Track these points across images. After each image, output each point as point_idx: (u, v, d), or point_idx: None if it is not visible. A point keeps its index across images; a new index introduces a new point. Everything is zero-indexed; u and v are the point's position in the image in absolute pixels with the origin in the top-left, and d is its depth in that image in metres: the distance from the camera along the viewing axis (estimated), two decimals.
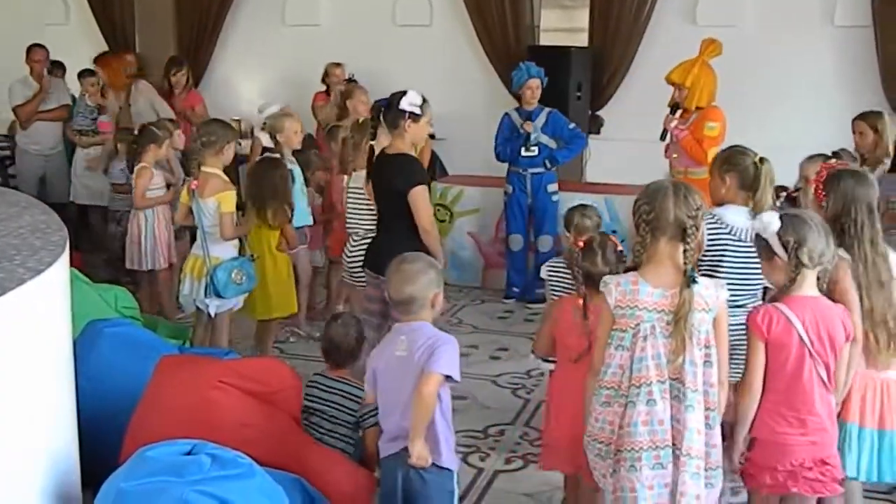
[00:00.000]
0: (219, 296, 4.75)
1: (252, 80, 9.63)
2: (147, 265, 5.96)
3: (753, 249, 3.50)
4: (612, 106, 8.42)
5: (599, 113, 8.42)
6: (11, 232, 3.23)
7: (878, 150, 5.41)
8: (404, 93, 4.29)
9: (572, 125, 7.08)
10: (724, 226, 3.62)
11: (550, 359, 3.67)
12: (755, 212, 3.58)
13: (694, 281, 2.80)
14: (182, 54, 9.29)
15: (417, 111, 4.26)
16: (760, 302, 3.68)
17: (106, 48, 9.30)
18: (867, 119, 5.46)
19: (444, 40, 8.93)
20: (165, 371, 3.53)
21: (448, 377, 2.97)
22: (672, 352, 2.80)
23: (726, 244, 3.61)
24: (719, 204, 3.74)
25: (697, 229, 2.86)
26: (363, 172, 4.77)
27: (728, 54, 7.84)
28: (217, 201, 4.76)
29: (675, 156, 6.42)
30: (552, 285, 4.12)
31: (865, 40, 7.74)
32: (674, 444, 2.81)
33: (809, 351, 2.97)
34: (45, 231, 3.27)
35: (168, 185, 6.20)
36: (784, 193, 4.56)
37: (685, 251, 2.82)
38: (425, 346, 2.99)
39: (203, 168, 4.86)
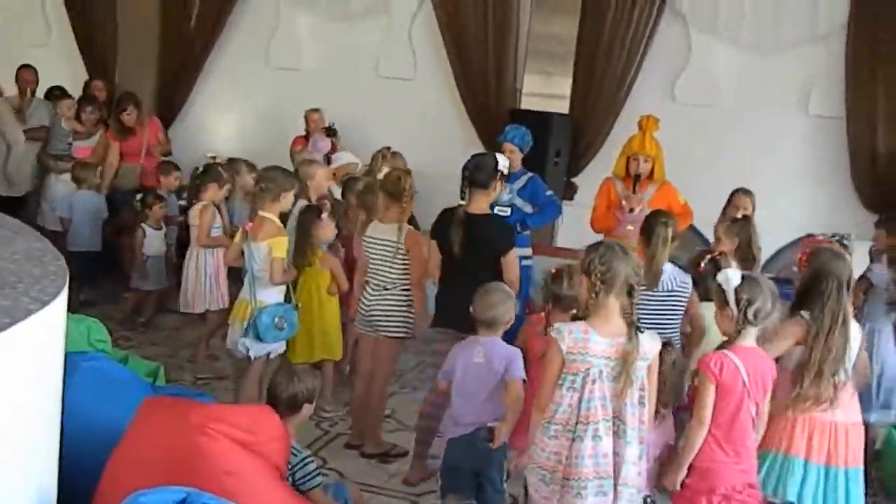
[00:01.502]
0: (258, 339, 4.76)
1: (230, 118, 9.62)
2: (203, 306, 5.97)
3: (667, 300, 4.34)
4: (587, 173, 8.54)
5: (574, 180, 8.53)
6: (6, 258, 3.16)
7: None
8: (493, 155, 4.79)
9: (549, 192, 7.12)
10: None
11: None
12: (649, 267, 4.26)
13: (640, 330, 3.22)
14: (163, 87, 9.27)
15: (507, 171, 4.77)
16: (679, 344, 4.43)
17: (85, 74, 9.25)
18: (749, 194, 6.08)
19: (426, 95, 9.02)
20: (149, 413, 3.43)
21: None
22: (617, 393, 3.19)
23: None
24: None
25: (640, 286, 3.36)
26: (392, 225, 4.86)
27: (704, 132, 8.15)
28: (269, 246, 4.78)
29: (630, 228, 6.45)
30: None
31: (838, 131, 8.00)
32: (612, 475, 3.21)
33: (748, 393, 3.41)
34: (42, 259, 3.20)
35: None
36: (708, 256, 4.84)
37: (631, 304, 3.24)
38: (503, 358, 3.77)
39: (260, 212, 4.90)
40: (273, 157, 8.07)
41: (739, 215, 5.61)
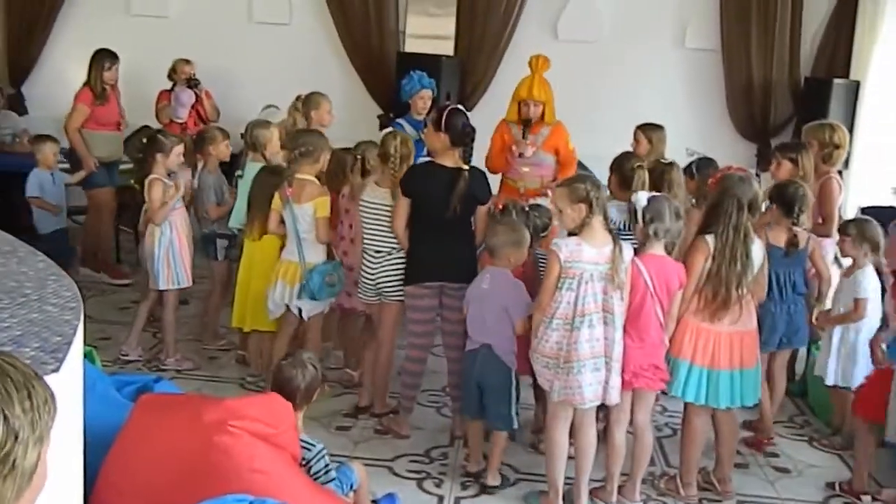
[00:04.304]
0: (312, 298, 4.93)
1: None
2: (164, 284, 5.53)
3: (627, 234, 4.56)
4: (474, 114, 8.48)
5: None
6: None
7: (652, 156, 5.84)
8: (462, 110, 4.77)
9: None
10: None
11: None
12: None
13: (620, 237, 4.00)
14: (11, 42, 8.50)
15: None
16: None
17: None
18: (645, 130, 6.11)
19: (304, 40, 8.71)
20: (150, 412, 3.23)
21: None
22: (607, 291, 3.89)
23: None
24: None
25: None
26: (381, 189, 4.86)
27: (587, 68, 8.27)
28: (313, 206, 4.95)
29: (526, 169, 6.45)
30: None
31: (714, 63, 8.33)
32: (604, 355, 3.92)
33: (651, 293, 4.05)
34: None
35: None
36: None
37: (607, 220, 3.98)
38: (505, 287, 4.29)
39: (297, 175, 4.97)
40: (139, 112, 7.70)
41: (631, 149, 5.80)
